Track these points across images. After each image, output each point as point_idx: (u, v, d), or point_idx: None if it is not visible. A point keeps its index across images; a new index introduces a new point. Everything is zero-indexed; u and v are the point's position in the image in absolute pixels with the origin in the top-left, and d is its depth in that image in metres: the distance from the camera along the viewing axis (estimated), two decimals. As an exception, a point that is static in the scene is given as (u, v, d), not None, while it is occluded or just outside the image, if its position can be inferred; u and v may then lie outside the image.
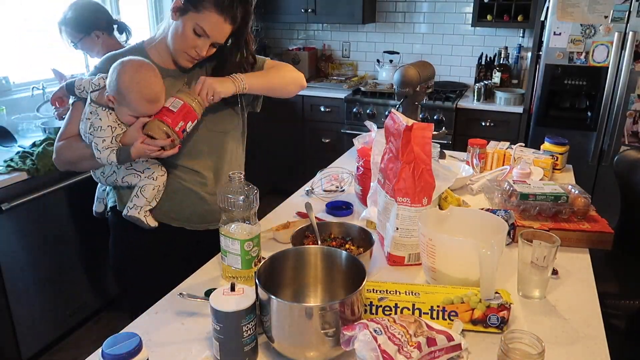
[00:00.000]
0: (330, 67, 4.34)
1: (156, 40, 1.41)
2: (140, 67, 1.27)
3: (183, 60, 1.36)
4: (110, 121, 1.27)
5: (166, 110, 1.26)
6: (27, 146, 2.24)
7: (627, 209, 2.11)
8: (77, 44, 2.16)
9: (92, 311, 2.59)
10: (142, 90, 1.24)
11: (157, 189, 1.37)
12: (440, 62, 3.97)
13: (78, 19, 2.12)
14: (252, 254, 1.16)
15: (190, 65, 1.37)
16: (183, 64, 1.37)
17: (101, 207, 1.58)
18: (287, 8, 3.96)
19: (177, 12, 1.31)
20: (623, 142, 3.00)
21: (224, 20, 1.28)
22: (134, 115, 1.27)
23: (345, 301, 0.90)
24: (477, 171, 1.95)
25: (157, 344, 0.99)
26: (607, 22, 2.83)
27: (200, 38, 1.30)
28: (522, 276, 1.17)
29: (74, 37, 2.14)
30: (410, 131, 1.20)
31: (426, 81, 2.10)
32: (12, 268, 2.11)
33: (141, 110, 1.26)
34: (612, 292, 1.84)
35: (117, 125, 1.28)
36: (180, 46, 1.33)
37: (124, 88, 1.24)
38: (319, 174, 1.87)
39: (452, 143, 3.42)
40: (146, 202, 1.37)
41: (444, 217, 1.26)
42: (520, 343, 0.88)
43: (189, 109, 1.27)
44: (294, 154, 4.06)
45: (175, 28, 1.32)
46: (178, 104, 1.26)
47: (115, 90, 1.25)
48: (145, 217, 1.38)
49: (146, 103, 1.26)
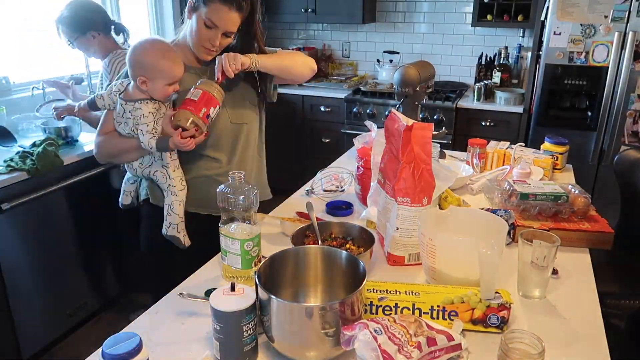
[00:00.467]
0: (330, 67, 4.34)
1: (177, 41, 1.54)
2: (153, 40, 1.44)
3: (202, 54, 1.49)
4: (150, 108, 1.41)
5: (189, 100, 1.39)
6: (27, 146, 2.24)
7: (627, 209, 2.11)
8: (74, 42, 2.18)
9: (92, 311, 2.59)
10: (167, 54, 1.39)
11: (182, 204, 1.50)
12: (440, 62, 3.97)
13: (74, 18, 2.14)
14: (252, 254, 1.16)
15: (209, 58, 1.50)
16: (203, 57, 1.50)
17: (128, 199, 1.64)
18: (287, 8, 3.96)
19: (190, 11, 1.45)
20: (623, 141, 3.00)
21: (228, 9, 1.40)
22: (169, 82, 1.40)
23: (345, 301, 0.90)
24: (477, 171, 1.95)
25: (157, 344, 0.99)
26: (607, 22, 2.83)
27: (211, 30, 1.43)
28: (522, 276, 1.17)
29: (70, 36, 2.17)
30: (411, 131, 1.20)
31: (426, 81, 2.10)
32: (12, 268, 2.11)
33: (174, 72, 1.40)
34: (612, 291, 1.84)
35: (157, 110, 1.42)
36: (197, 41, 1.46)
37: (154, 61, 1.37)
38: (319, 174, 1.88)
39: (452, 143, 3.42)
40: (179, 218, 1.50)
41: (444, 217, 1.26)
42: (520, 343, 0.88)
43: (210, 96, 1.39)
44: (294, 154, 4.06)
45: (191, 26, 1.46)
46: (198, 93, 1.39)
47: (146, 68, 1.38)
48: (184, 236, 1.52)
49: (176, 65, 1.40)
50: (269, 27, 4.39)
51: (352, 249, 1.29)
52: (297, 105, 3.90)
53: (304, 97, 3.85)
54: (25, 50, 2.82)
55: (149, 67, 1.37)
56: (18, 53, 2.77)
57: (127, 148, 1.47)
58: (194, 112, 1.37)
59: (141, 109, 1.40)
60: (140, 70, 1.38)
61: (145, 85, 1.39)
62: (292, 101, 3.89)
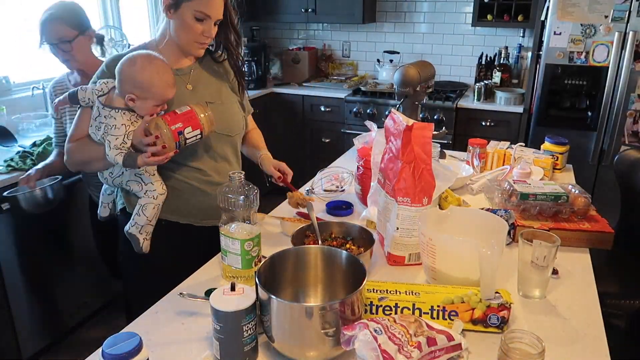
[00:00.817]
0: (330, 67, 4.34)
1: (157, 42, 1.43)
2: (151, 57, 1.32)
3: (196, 50, 1.41)
4: (125, 120, 1.30)
5: (172, 112, 1.30)
6: (27, 146, 2.24)
7: (627, 209, 2.11)
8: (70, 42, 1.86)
9: (92, 311, 2.59)
10: (163, 77, 1.30)
11: (157, 208, 1.40)
12: (441, 62, 3.97)
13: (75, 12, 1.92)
14: (252, 254, 1.16)
15: (203, 52, 1.43)
16: (197, 53, 1.43)
17: (106, 211, 1.58)
18: (287, 8, 3.96)
19: (169, 9, 1.34)
20: (623, 141, 3.00)
21: None
22: (159, 104, 1.32)
23: (345, 301, 0.90)
24: (477, 171, 1.95)
25: (157, 344, 0.99)
26: (607, 22, 2.83)
27: (204, 22, 1.34)
28: (522, 276, 1.17)
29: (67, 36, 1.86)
30: (411, 131, 1.20)
31: (426, 81, 2.10)
32: (12, 268, 2.11)
33: (167, 95, 1.32)
34: (613, 291, 1.84)
35: (130, 123, 1.31)
36: (189, 38, 1.37)
37: (147, 82, 1.28)
38: (319, 174, 1.88)
39: (452, 143, 3.42)
40: (147, 220, 1.39)
41: (444, 216, 1.26)
42: (520, 343, 0.88)
43: (193, 115, 1.29)
44: (294, 154, 4.06)
45: (176, 24, 1.36)
46: (185, 109, 1.30)
47: (139, 87, 1.28)
48: (144, 239, 1.41)
49: (169, 88, 1.32)
50: (269, 27, 4.39)
51: (352, 249, 1.29)
52: (297, 105, 3.90)
53: (304, 97, 3.85)
54: (25, 50, 2.82)
55: (143, 87, 1.28)
56: (18, 53, 2.77)
57: (96, 156, 1.35)
58: (168, 122, 1.27)
59: (114, 119, 1.29)
60: (131, 87, 1.29)
61: (133, 102, 1.29)
62: (292, 101, 3.89)
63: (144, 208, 1.38)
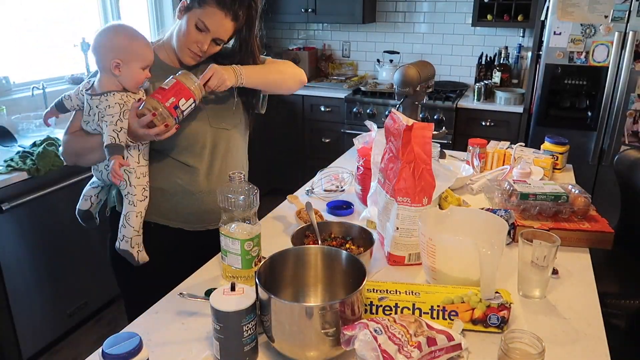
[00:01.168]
0: (330, 67, 4.34)
1: (163, 41, 1.46)
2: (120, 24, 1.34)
3: (186, 57, 1.39)
4: (117, 99, 1.30)
5: (160, 89, 1.28)
6: (27, 146, 2.24)
7: (627, 209, 2.11)
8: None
9: (92, 311, 2.59)
10: (137, 35, 1.32)
11: (140, 216, 1.37)
12: (441, 61, 3.97)
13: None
14: (252, 254, 1.16)
15: (193, 62, 1.41)
16: (186, 61, 1.40)
17: (87, 204, 1.54)
18: (287, 8, 3.96)
19: (182, 11, 1.37)
20: (623, 141, 3.00)
21: (224, 15, 1.33)
22: (144, 66, 1.32)
23: (345, 301, 0.90)
24: (477, 171, 1.95)
25: (157, 344, 0.99)
26: (607, 22, 2.83)
27: (201, 33, 1.34)
28: (522, 276, 1.17)
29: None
30: (411, 131, 1.20)
31: (426, 81, 2.10)
32: (12, 268, 2.12)
33: (147, 53, 1.32)
34: (612, 291, 1.84)
35: (124, 102, 1.30)
36: (183, 42, 1.36)
37: (125, 41, 1.29)
38: (319, 174, 1.87)
39: (452, 143, 3.43)
40: (134, 231, 1.36)
41: (444, 216, 1.26)
42: (520, 343, 0.88)
43: (182, 86, 1.27)
44: (294, 154, 4.06)
45: (179, 26, 1.37)
46: (171, 82, 1.27)
47: (119, 50, 1.28)
48: (138, 251, 1.39)
49: (148, 48, 1.33)
50: (269, 27, 4.39)
51: (352, 249, 1.29)
52: (297, 105, 3.90)
53: (304, 97, 3.85)
54: (25, 50, 2.82)
55: (122, 49, 1.28)
56: (18, 53, 2.78)
57: (91, 147, 1.35)
58: (160, 100, 1.24)
59: (107, 100, 1.29)
60: (111, 53, 1.27)
61: (119, 69, 1.28)
62: (292, 101, 3.89)
63: (128, 218, 1.36)
